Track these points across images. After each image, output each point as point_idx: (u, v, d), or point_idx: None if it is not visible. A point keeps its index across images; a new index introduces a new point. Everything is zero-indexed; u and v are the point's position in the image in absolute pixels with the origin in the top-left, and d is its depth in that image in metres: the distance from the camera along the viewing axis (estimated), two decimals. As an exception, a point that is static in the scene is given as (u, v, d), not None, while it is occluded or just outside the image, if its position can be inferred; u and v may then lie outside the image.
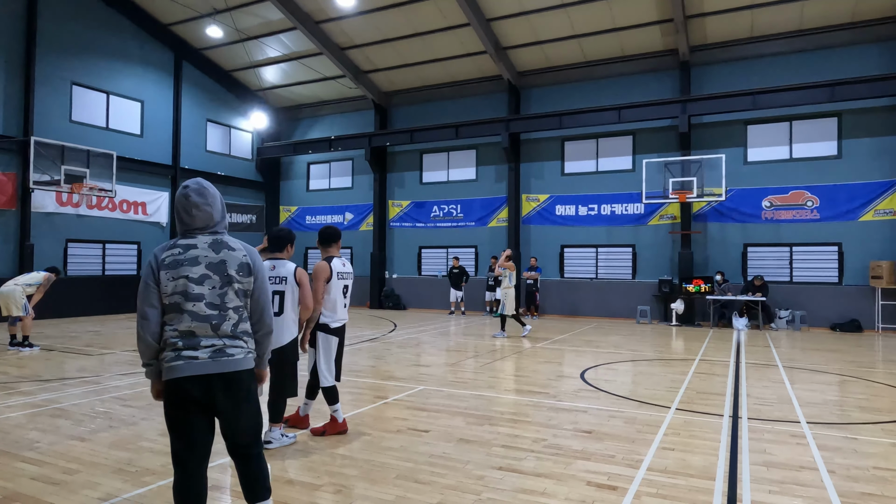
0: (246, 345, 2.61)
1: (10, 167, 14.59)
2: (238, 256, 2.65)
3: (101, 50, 16.68)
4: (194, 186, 2.62)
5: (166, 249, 2.56)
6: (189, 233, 2.63)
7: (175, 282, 2.50)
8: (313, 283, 4.66)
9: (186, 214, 2.60)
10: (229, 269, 2.60)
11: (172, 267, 2.52)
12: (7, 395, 6.35)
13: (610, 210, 16.92)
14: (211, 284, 2.55)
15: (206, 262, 2.57)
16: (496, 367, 8.48)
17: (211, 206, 2.64)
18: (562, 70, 17.41)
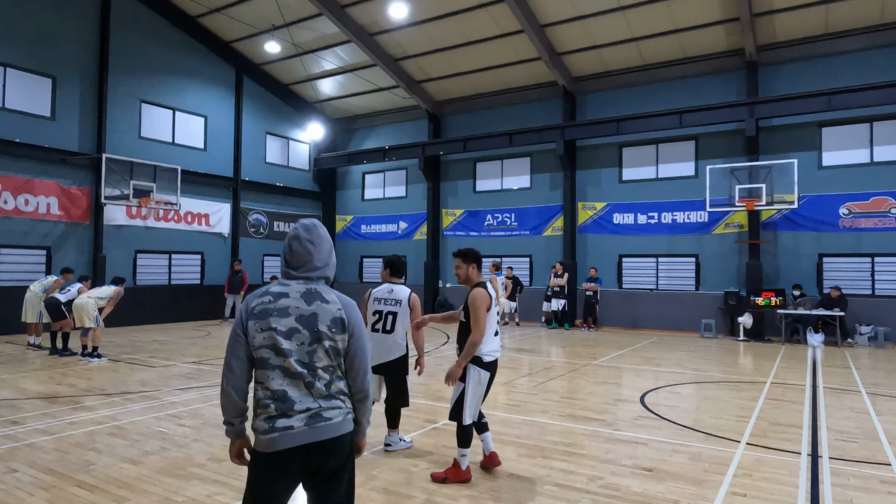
0: (344, 405, 2.32)
1: (85, 182, 15.40)
2: (332, 310, 2.32)
3: (167, 68, 17.41)
4: (306, 222, 2.43)
5: (258, 297, 2.32)
6: (286, 276, 2.38)
7: (263, 334, 2.24)
8: (477, 312, 4.29)
9: (288, 248, 2.40)
10: (320, 325, 2.28)
11: (261, 317, 2.26)
12: (72, 409, 6.59)
13: (671, 218, 16.22)
14: (300, 340, 2.26)
15: (297, 315, 2.27)
16: (551, 387, 8.18)
17: (313, 245, 2.37)
18: (619, 74, 16.87)
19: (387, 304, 5.13)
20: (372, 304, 5.18)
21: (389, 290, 5.19)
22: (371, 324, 5.13)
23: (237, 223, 19.33)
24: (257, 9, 16.81)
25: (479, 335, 4.27)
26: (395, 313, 5.11)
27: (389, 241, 21.57)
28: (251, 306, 2.29)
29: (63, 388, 7.75)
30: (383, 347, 5.07)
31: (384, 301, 5.15)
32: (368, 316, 5.16)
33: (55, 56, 14.83)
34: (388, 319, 5.09)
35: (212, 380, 8.46)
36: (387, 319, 5.09)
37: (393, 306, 5.13)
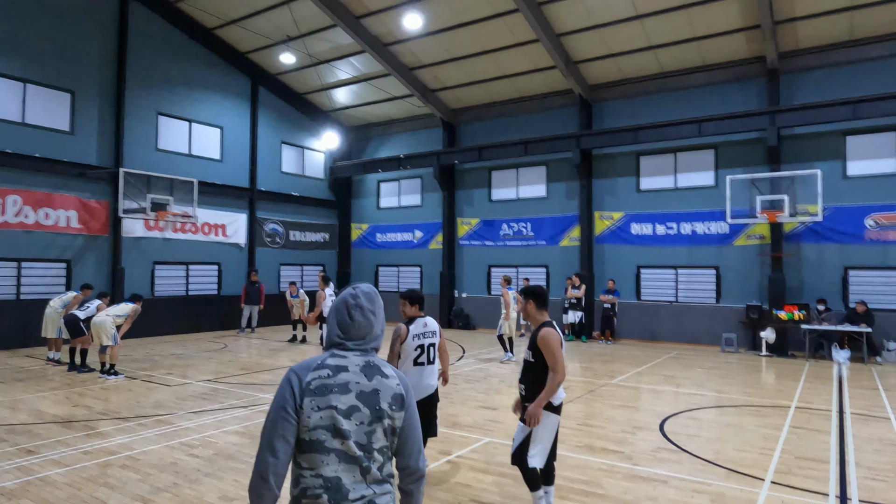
0: (392, 489, 2.12)
1: (104, 196, 15.56)
2: (392, 385, 2.10)
3: (184, 80, 17.54)
4: (366, 289, 2.20)
5: (312, 370, 2.02)
6: (341, 346, 2.12)
7: (321, 413, 1.97)
8: (554, 352, 4.16)
9: (347, 318, 2.13)
10: (382, 402, 2.05)
11: (320, 393, 1.98)
12: (87, 436, 6.59)
13: (691, 229, 15.94)
14: (359, 419, 2.01)
15: (357, 391, 2.03)
16: (568, 411, 8.00)
17: (375, 316, 2.17)
18: (636, 82, 16.63)
19: (426, 337, 5.37)
20: (412, 340, 5.32)
21: (424, 325, 5.41)
22: (414, 358, 5.29)
23: (253, 233, 19.41)
24: (273, 20, 16.86)
25: (563, 373, 4.17)
26: (434, 343, 5.43)
27: (405, 249, 21.52)
28: (306, 381, 1.99)
29: (79, 411, 7.77)
30: (427, 378, 5.29)
31: (423, 335, 5.36)
32: (409, 352, 5.28)
33: (74, 71, 15.01)
34: (430, 351, 5.37)
35: (224, 401, 8.44)
36: (429, 351, 5.37)
37: (432, 338, 5.41)
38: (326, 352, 2.13)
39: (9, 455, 5.87)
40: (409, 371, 5.26)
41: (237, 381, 10.07)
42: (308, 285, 20.46)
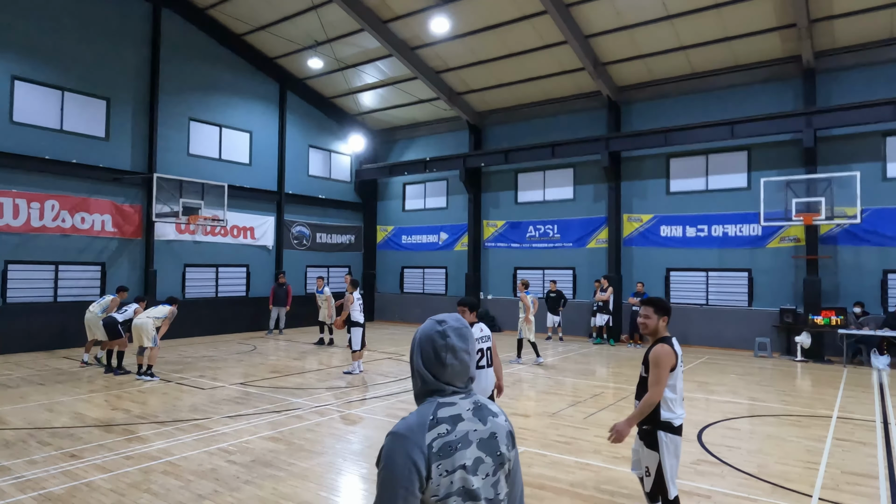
0: None
1: (137, 200, 15.86)
2: (502, 423, 1.82)
3: (214, 86, 17.80)
4: (454, 324, 1.83)
5: (428, 428, 1.67)
6: (438, 393, 1.78)
7: (450, 477, 1.64)
8: (660, 371, 3.94)
9: (436, 361, 1.78)
10: (500, 446, 1.78)
11: (445, 454, 1.65)
12: (127, 440, 6.71)
13: (722, 231, 15.66)
14: (485, 471, 1.72)
15: (477, 440, 1.73)
16: (602, 420, 7.93)
17: (469, 356, 1.82)
18: (666, 83, 16.40)
19: (482, 341, 5.65)
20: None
21: (481, 329, 5.70)
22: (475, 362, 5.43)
23: (281, 236, 19.62)
24: (301, 26, 17.02)
25: (658, 395, 3.95)
26: (490, 348, 5.73)
27: (430, 251, 21.55)
28: (426, 444, 1.64)
29: (118, 414, 7.93)
30: (486, 380, 5.59)
31: (481, 339, 5.65)
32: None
33: (109, 78, 15.33)
34: (488, 354, 5.69)
35: (258, 405, 8.53)
36: (487, 355, 5.67)
37: (486, 342, 5.69)
38: (427, 401, 1.78)
39: (54, 459, 6.01)
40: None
41: (268, 384, 10.17)
42: (334, 287, 20.60)
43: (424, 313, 21.35)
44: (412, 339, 1.85)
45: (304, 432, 7.16)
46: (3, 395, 9.05)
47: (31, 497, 4.99)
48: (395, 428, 1.69)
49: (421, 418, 1.70)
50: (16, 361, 12.29)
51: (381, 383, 10.41)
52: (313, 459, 6.13)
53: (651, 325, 4.12)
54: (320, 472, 5.78)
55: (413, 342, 1.85)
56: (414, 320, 21.51)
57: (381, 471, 1.63)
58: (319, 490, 5.34)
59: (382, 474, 1.62)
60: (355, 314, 11.33)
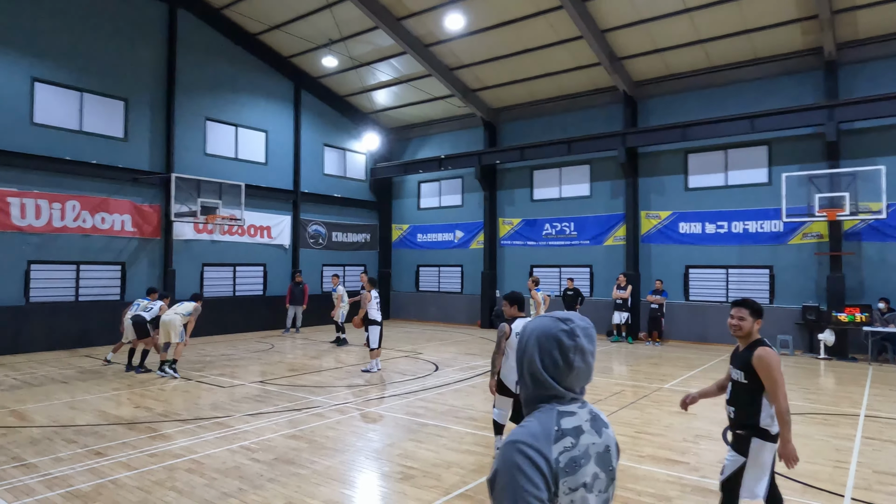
0: None
1: (156, 200, 16.00)
2: (612, 435, 1.69)
3: (230, 85, 17.90)
4: (582, 324, 1.64)
5: (553, 440, 1.52)
6: (559, 399, 1.61)
7: (572, 496, 1.51)
8: (775, 375, 3.72)
9: (563, 363, 1.60)
10: (613, 460, 1.66)
11: (571, 471, 1.51)
12: (151, 438, 6.76)
13: (742, 227, 15.44)
14: (599, 488, 1.59)
15: (595, 454, 1.59)
16: (624, 418, 7.85)
17: (594, 359, 1.66)
18: (684, 77, 16.19)
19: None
20: (515, 338, 5.85)
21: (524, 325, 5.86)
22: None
23: (297, 235, 19.69)
24: (315, 24, 17.04)
25: (786, 398, 3.76)
26: None
27: (446, 249, 21.51)
28: (554, 458, 1.49)
29: (141, 412, 7.99)
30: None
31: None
32: (513, 349, 5.81)
33: (127, 79, 15.46)
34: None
35: (278, 404, 8.56)
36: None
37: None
38: (543, 408, 1.60)
39: (79, 457, 6.06)
40: (511, 369, 5.90)
41: (287, 382, 10.20)
42: (349, 286, 20.63)
43: (440, 312, 21.37)
44: (522, 338, 1.67)
45: (325, 430, 7.16)
46: (28, 393, 9.17)
47: (58, 494, 5.03)
48: (516, 436, 1.51)
49: (544, 428, 1.53)
50: (39, 360, 12.45)
51: (399, 381, 10.39)
52: (335, 457, 6.13)
53: (746, 327, 3.91)
54: (343, 471, 5.77)
55: (526, 341, 1.65)
56: (430, 319, 21.50)
57: (508, 483, 1.45)
58: (343, 488, 5.33)
59: (509, 486, 1.44)
60: (373, 312, 11.32)
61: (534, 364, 1.61)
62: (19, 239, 13.48)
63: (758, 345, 3.86)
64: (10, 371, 11.11)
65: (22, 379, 10.33)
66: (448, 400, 8.89)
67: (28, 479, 5.38)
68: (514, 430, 1.55)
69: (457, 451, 6.33)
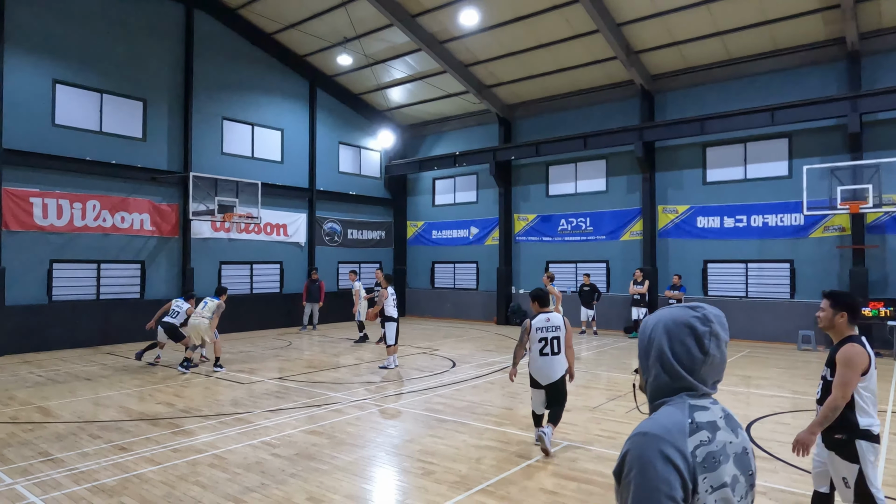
0: None
1: (174, 199, 16.17)
2: (747, 437, 1.57)
3: (246, 85, 18.02)
4: (715, 311, 1.55)
5: (688, 433, 1.39)
6: (691, 390, 1.50)
7: (715, 495, 1.38)
8: (847, 372, 3.53)
9: (699, 351, 1.49)
10: (752, 463, 1.52)
11: (710, 467, 1.38)
12: (173, 433, 6.83)
13: (762, 221, 15.23)
14: (740, 493, 1.46)
15: (733, 454, 1.46)
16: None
17: (727, 348, 1.56)
18: (702, 70, 15.99)
19: (549, 331, 6.21)
20: (535, 332, 6.23)
21: (546, 319, 6.25)
22: (539, 349, 6.20)
23: (313, 232, 19.79)
24: (330, 23, 17.08)
25: (842, 398, 3.54)
26: (559, 337, 6.20)
27: (461, 246, 21.50)
28: (690, 451, 1.36)
29: (163, 408, 8.08)
30: (553, 367, 6.19)
31: (546, 329, 6.22)
32: (534, 344, 6.20)
33: (145, 80, 15.63)
34: (554, 343, 6.20)
35: (297, 400, 8.61)
36: (553, 343, 6.20)
37: (555, 332, 6.21)
38: (672, 401, 1.49)
39: (104, 452, 6.14)
40: (535, 360, 6.22)
41: (305, 378, 10.26)
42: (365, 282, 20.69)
43: (455, 308, 21.36)
44: (644, 330, 1.58)
45: (345, 426, 7.19)
46: (53, 389, 9.32)
47: (85, 488, 5.11)
48: (645, 428, 1.40)
49: (676, 420, 1.41)
50: (62, 357, 12.66)
51: (417, 378, 10.41)
52: (355, 453, 6.15)
53: (825, 318, 3.74)
54: (363, 466, 5.79)
55: (653, 329, 1.56)
56: (445, 315, 21.51)
57: (635, 477, 1.34)
58: (364, 483, 5.35)
59: (637, 482, 1.33)
60: (389, 309, 11.36)
61: (663, 354, 1.51)
62: (42, 238, 13.70)
63: (847, 341, 3.65)
64: (35, 368, 11.31)
65: (46, 376, 10.50)
66: (466, 396, 8.89)
67: (55, 474, 5.47)
68: (643, 422, 1.44)
69: (476, 447, 6.33)
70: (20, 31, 13.42)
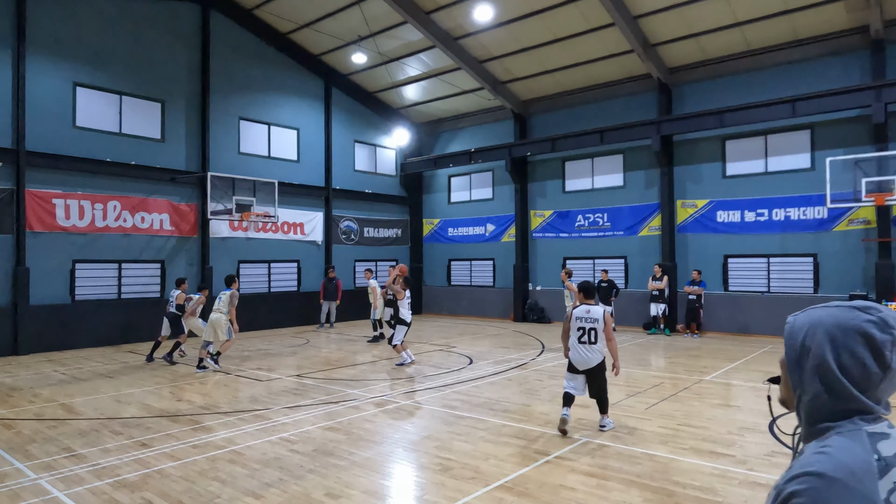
0: None
1: (192, 199, 16.33)
2: None
3: (262, 85, 18.14)
4: (892, 312, 1.23)
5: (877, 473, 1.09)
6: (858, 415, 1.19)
7: None
8: None
9: (876, 365, 1.18)
10: None
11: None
12: (193, 430, 6.89)
13: (784, 215, 14.95)
14: None
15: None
16: (664, 410, 7.68)
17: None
18: (721, 62, 15.73)
19: (587, 321, 6.58)
20: (574, 322, 6.69)
21: (587, 311, 6.64)
22: (577, 337, 6.64)
23: (329, 231, 19.87)
24: (344, 21, 17.12)
25: None
26: (595, 329, 6.55)
27: (477, 243, 21.44)
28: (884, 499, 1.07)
29: (183, 405, 8.16)
30: (589, 355, 6.59)
31: (584, 319, 6.61)
32: (573, 332, 6.67)
33: (163, 81, 15.80)
34: (591, 334, 6.55)
35: (315, 397, 8.64)
36: (590, 334, 6.55)
37: (593, 323, 6.56)
38: (844, 429, 1.17)
39: (126, 448, 6.21)
40: (574, 347, 6.66)
41: (323, 376, 10.30)
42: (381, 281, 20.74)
43: (472, 306, 21.31)
44: (796, 336, 1.27)
45: (362, 422, 7.20)
46: (76, 387, 9.46)
47: (107, 483, 5.17)
48: (821, 468, 1.10)
49: (859, 457, 1.11)
50: (85, 356, 12.86)
51: (434, 375, 10.39)
52: (373, 449, 6.14)
53: None
54: (381, 462, 5.78)
55: (807, 335, 1.25)
56: (462, 313, 21.47)
57: None
58: (382, 479, 5.34)
59: None
60: (404, 312, 11.25)
61: (826, 368, 1.20)
62: (65, 239, 13.93)
63: None
64: (59, 366, 11.50)
65: (70, 374, 10.68)
66: (484, 393, 8.85)
67: (78, 469, 5.54)
68: (816, 458, 1.13)
69: (494, 444, 6.29)
70: (41, 36, 13.64)
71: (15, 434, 6.79)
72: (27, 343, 13.12)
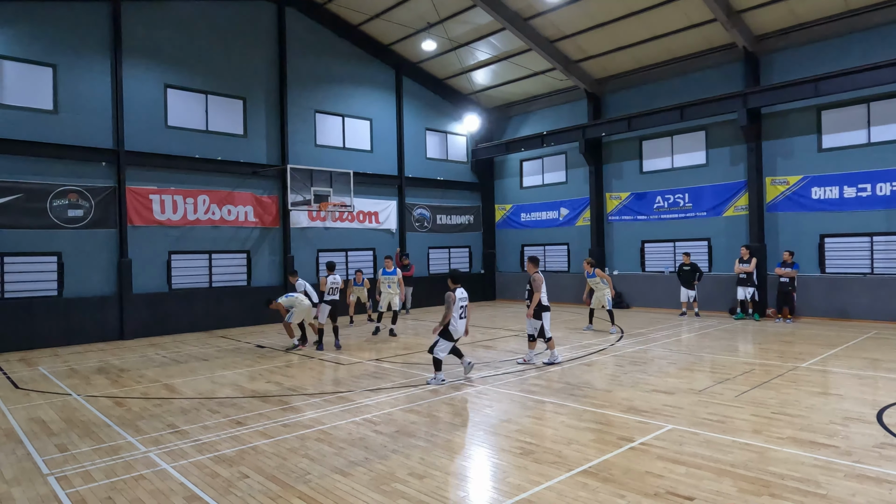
0: None
1: (273, 191, 17.04)
2: None
3: (336, 77, 18.58)
4: None
5: None
6: None
7: None
8: None
9: None
10: None
11: None
12: (282, 410, 7.23)
13: (889, 189, 13.75)
14: None
15: None
16: (757, 398, 7.29)
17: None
18: (814, 26, 14.59)
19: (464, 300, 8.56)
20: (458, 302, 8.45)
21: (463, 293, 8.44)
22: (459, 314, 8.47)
23: (403, 219, 20.17)
24: (413, 9, 17.19)
25: None
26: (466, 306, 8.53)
27: (550, 228, 21.12)
28: None
29: (272, 387, 8.58)
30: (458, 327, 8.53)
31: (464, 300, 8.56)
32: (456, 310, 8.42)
33: (244, 79, 16.50)
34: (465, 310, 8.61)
35: (395, 380, 8.83)
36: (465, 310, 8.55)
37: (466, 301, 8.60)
38: None
39: (223, 426, 6.61)
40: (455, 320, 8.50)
41: (401, 360, 10.52)
42: (435, 268, 20.84)
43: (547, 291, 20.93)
44: None
45: (442, 406, 7.29)
46: (176, 369, 10.16)
47: (208, 458, 5.52)
48: None
49: None
50: (181, 340, 13.77)
51: (510, 360, 10.36)
52: (454, 432, 6.22)
53: None
54: (462, 444, 5.84)
55: None
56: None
57: None
58: (463, 461, 5.39)
59: None
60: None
61: None
62: (161, 232, 14.92)
63: None
64: (160, 350, 12.39)
65: (169, 357, 11.47)
66: (563, 378, 8.74)
67: (182, 444, 5.95)
68: None
69: (576, 429, 6.20)
70: (134, 42, 14.57)
71: (126, 411, 7.38)
72: (131, 328, 14.20)
